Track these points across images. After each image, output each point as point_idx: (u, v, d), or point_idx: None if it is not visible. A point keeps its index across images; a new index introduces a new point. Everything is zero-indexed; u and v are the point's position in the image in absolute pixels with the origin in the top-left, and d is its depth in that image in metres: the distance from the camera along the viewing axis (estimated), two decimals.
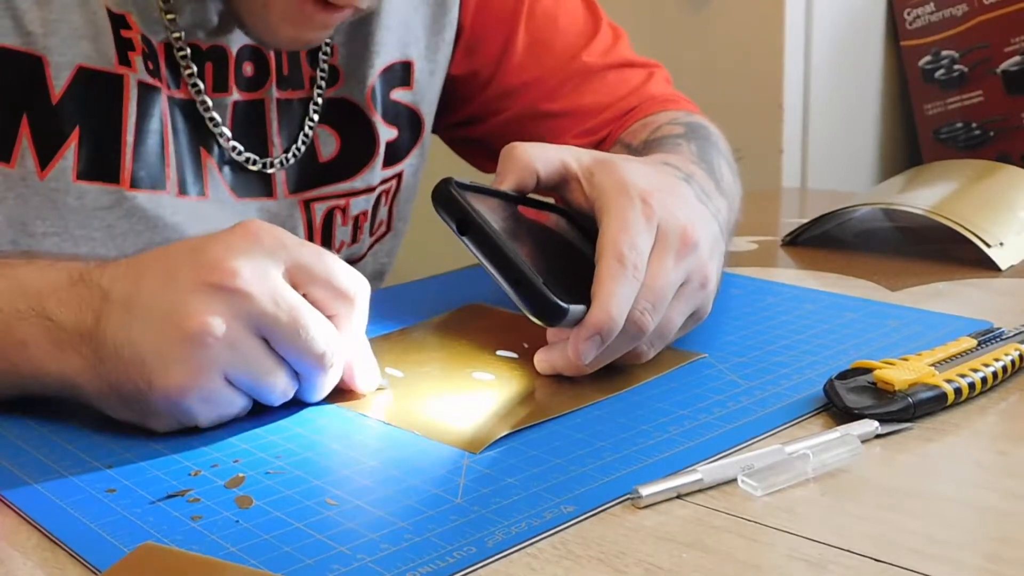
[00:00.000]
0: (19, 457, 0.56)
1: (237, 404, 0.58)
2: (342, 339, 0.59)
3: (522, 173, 0.66)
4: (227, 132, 0.79)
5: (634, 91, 0.94)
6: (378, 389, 0.63)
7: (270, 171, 0.82)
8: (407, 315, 0.77)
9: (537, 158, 0.67)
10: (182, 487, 0.52)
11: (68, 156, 0.73)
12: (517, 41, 0.91)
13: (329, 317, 0.58)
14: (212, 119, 0.78)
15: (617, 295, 0.60)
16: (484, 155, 0.98)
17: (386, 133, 0.87)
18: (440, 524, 0.48)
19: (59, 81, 0.72)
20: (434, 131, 0.97)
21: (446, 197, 0.61)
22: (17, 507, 0.51)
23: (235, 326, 0.54)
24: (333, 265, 0.58)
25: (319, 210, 0.85)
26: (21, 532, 0.49)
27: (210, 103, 0.78)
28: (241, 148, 0.80)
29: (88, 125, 0.73)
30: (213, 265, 0.54)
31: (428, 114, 0.91)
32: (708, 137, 0.85)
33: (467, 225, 0.60)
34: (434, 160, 0.97)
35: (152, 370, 0.54)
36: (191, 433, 0.58)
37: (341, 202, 0.86)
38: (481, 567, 0.45)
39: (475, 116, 0.95)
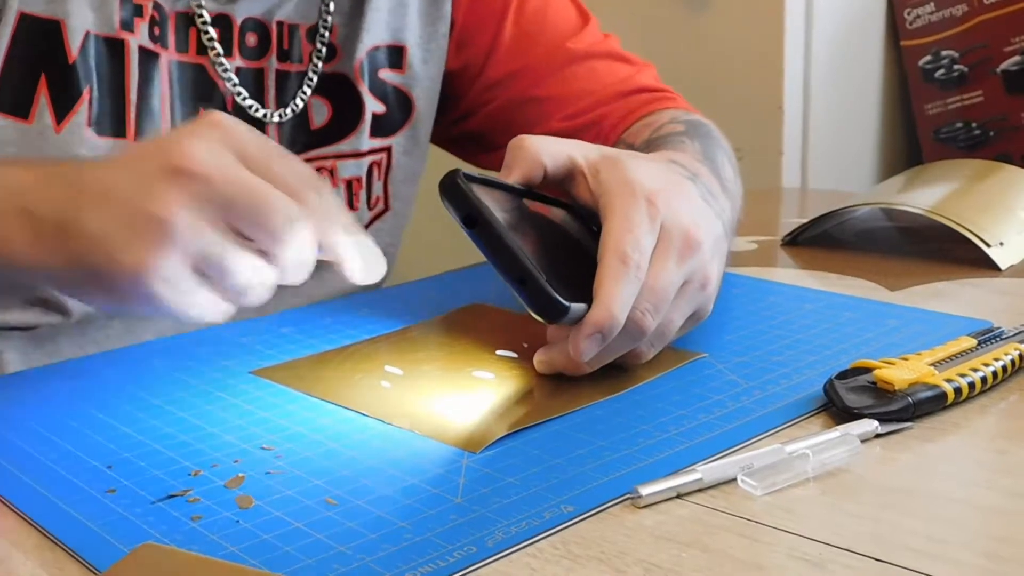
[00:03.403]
0: (19, 457, 0.56)
1: (196, 295, 0.56)
2: (307, 220, 0.57)
3: (529, 166, 0.66)
4: (235, 78, 0.84)
5: (622, 81, 0.95)
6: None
7: (267, 121, 0.86)
8: (407, 315, 0.77)
9: (544, 151, 0.67)
10: (182, 487, 0.52)
11: (82, 112, 0.78)
12: (505, 33, 0.94)
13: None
14: (230, 79, 0.83)
15: (619, 294, 0.60)
16: (476, 148, 1.01)
17: (372, 104, 0.91)
18: (440, 524, 0.48)
19: (75, 43, 0.77)
20: (432, 139, 0.98)
21: (453, 189, 0.60)
22: (17, 507, 0.51)
23: (195, 209, 0.54)
24: (285, 161, 0.57)
25: None
26: (21, 532, 0.49)
27: (226, 64, 0.83)
28: (246, 94, 0.84)
29: (98, 84, 0.78)
30: (170, 149, 0.55)
31: (422, 99, 0.93)
32: (710, 135, 0.86)
33: (473, 219, 0.60)
34: (434, 159, 0.98)
35: (115, 247, 0.55)
36: (191, 433, 0.58)
37: (328, 163, 0.89)
38: (481, 567, 0.45)
39: (467, 111, 0.97)
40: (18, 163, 0.65)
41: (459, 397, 0.63)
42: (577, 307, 0.59)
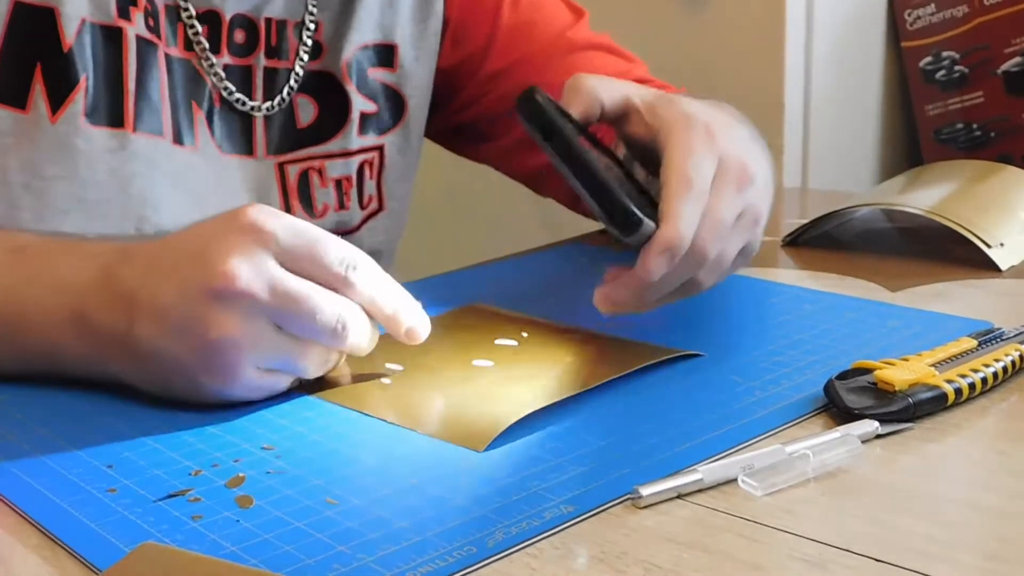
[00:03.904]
0: (19, 457, 0.56)
1: (282, 383, 0.62)
2: (354, 303, 0.61)
3: (588, 103, 0.69)
4: (221, 73, 0.83)
5: (621, 75, 0.96)
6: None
7: (255, 114, 0.85)
8: None
9: (602, 89, 0.69)
10: (182, 487, 0.52)
11: (78, 101, 0.77)
12: (502, 25, 0.95)
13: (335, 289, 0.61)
14: (217, 74, 0.82)
15: (685, 213, 0.62)
16: (475, 139, 1.01)
17: (361, 103, 0.90)
18: (440, 523, 0.48)
19: (70, 31, 0.76)
20: (427, 134, 0.98)
21: (532, 104, 0.63)
22: (18, 507, 0.51)
23: (249, 326, 0.58)
24: (321, 251, 0.60)
25: (292, 171, 0.88)
26: (22, 532, 0.49)
27: (213, 60, 0.82)
28: (232, 89, 0.84)
29: (95, 72, 0.77)
30: (213, 272, 0.58)
31: (413, 97, 0.94)
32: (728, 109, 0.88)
33: (551, 132, 0.63)
34: (447, 163, 0.98)
35: (195, 374, 0.59)
36: (191, 433, 0.58)
37: (316, 164, 0.89)
38: (481, 567, 0.45)
39: (467, 101, 0.97)
40: (70, 249, 0.65)
41: (460, 391, 0.63)
42: (648, 223, 0.61)
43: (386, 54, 0.91)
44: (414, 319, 0.64)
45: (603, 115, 0.70)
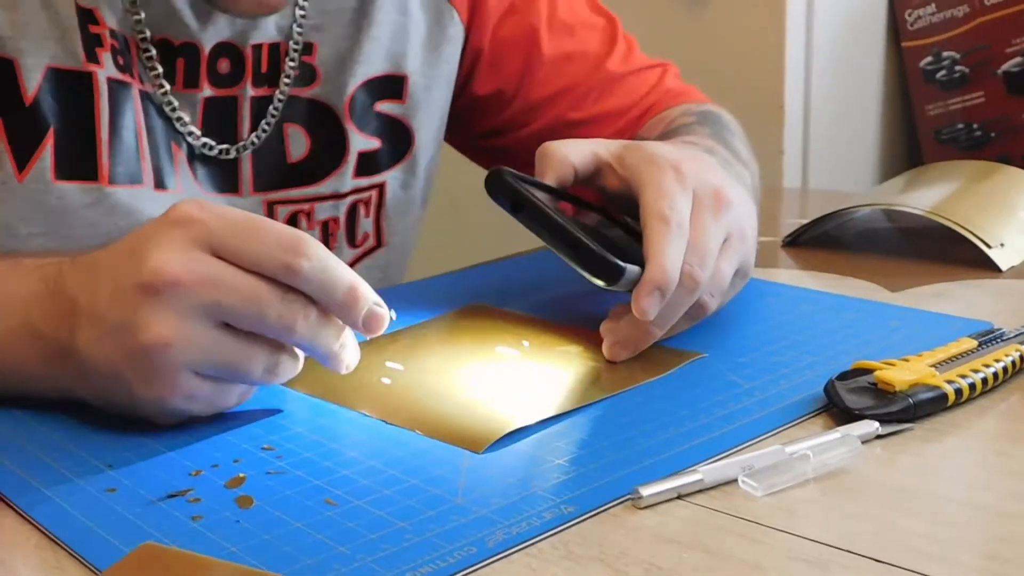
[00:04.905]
0: (19, 457, 0.56)
1: (227, 394, 0.58)
2: (301, 295, 0.56)
3: (560, 169, 0.70)
4: (195, 131, 0.79)
5: (652, 89, 0.98)
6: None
7: (235, 156, 0.81)
8: (409, 314, 0.77)
9: (571, 153, 0.70)
10: (182, 487, 0.52)
11: (45, 157, 0.73)
12: (540, 56, 0.94)
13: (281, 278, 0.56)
14: (179, 119, 0.78)
15: (668, 251, 0.63)
16: (508, 163, 0.99)
17: (360, 142, 0.87)
18: (440, 524, 0.48)
19: (31, 83, 0.72)
20: (451, 142, 0.98)
21: (498, 182, 0.66)
22: (18, 507, 0.51)
23: (183, 324, 0.54)
24: (261, 237, 0.55)
25: (282, 213, 0.85)
26: (21, 532, 0.49)
27: (176, 103, 0.78)
28: (212, 143, 0.80)
29: (62, 124, 0.74)
30: (143, 268, 0.54)
31: (424, 128, 0.91)
32: (719, 121, 0.90)
33: (520, 204, 0.65)
34: (448, 163, 0.98)
35: (130, 383, 0.56)
36: (191, 433, 0.58)
37: (305, 207, 0.86)
38: (481, 567, 0.45)
39: (501, 128, 0.97)
40: (16, 269, 0.62)
41: (460, 394, 0.63)
42: (632, 268, 0.63)
43: (395, 85, 0.88)
44: (372, 303, 0.58)
45: (577, 177, 0.70)
